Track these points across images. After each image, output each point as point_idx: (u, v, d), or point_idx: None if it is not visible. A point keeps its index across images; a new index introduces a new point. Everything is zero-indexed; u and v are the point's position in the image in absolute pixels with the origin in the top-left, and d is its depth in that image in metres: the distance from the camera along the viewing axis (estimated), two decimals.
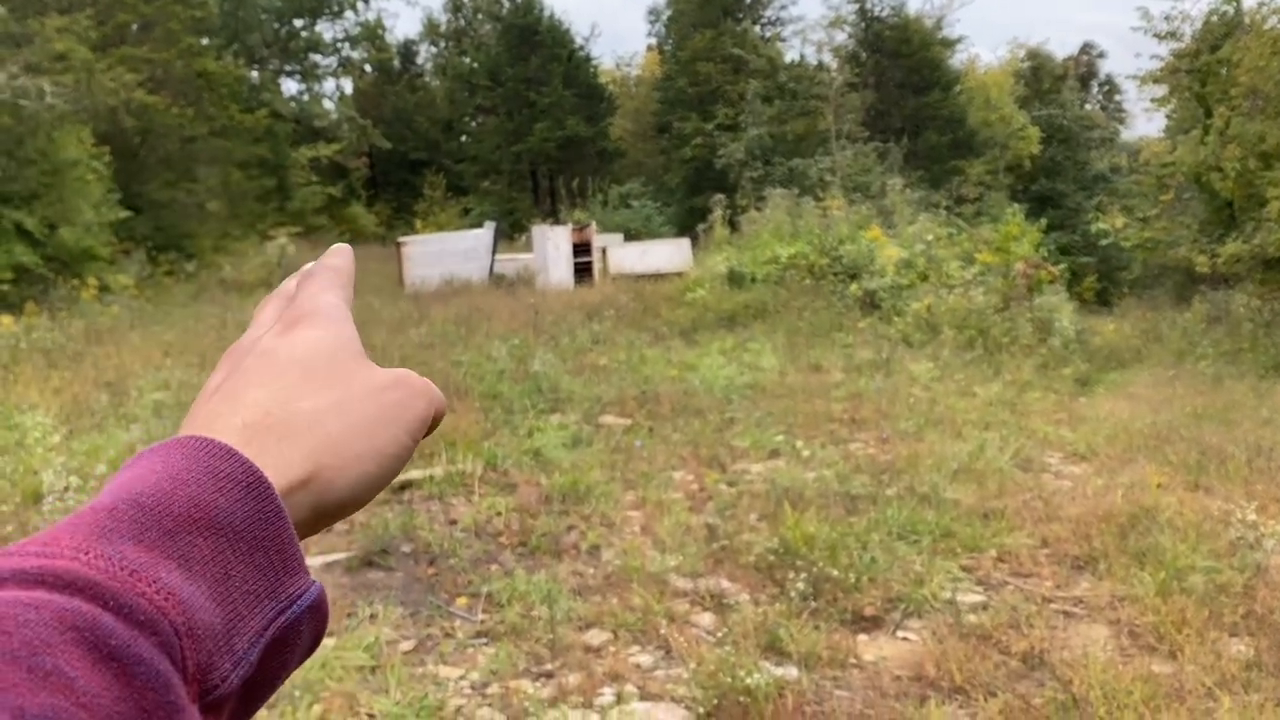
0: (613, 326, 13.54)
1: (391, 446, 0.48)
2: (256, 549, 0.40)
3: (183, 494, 0.39)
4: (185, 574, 0.37)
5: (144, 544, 0.37)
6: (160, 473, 0.40)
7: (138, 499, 0.38)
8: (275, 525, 0.40)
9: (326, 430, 0.46)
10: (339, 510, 0.46)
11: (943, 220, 19.37)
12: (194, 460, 0.40)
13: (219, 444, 0.41)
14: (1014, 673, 3.88)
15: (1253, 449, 6.97)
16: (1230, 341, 13.43)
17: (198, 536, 0.38)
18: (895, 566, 4.87)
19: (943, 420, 8.30)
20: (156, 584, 0.36)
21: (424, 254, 20.61)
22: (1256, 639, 4.04)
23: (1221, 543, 5.09)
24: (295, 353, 0.49)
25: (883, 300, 14.69)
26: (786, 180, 29.03)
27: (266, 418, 0.45)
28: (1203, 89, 23.66)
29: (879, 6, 39.61)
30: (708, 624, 4.39)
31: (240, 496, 0.40)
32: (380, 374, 0.50)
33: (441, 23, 47.48)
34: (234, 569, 0.39)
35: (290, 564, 0.41)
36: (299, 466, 0.44)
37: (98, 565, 0.36)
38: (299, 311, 0.52)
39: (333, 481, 0.45)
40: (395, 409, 0.48)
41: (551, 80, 39.95)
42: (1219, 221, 20.65)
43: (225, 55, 29.62)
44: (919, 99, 38.16)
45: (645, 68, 49.26)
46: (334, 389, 0.47)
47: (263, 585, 0.39)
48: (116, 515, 0.38)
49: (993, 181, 36.58)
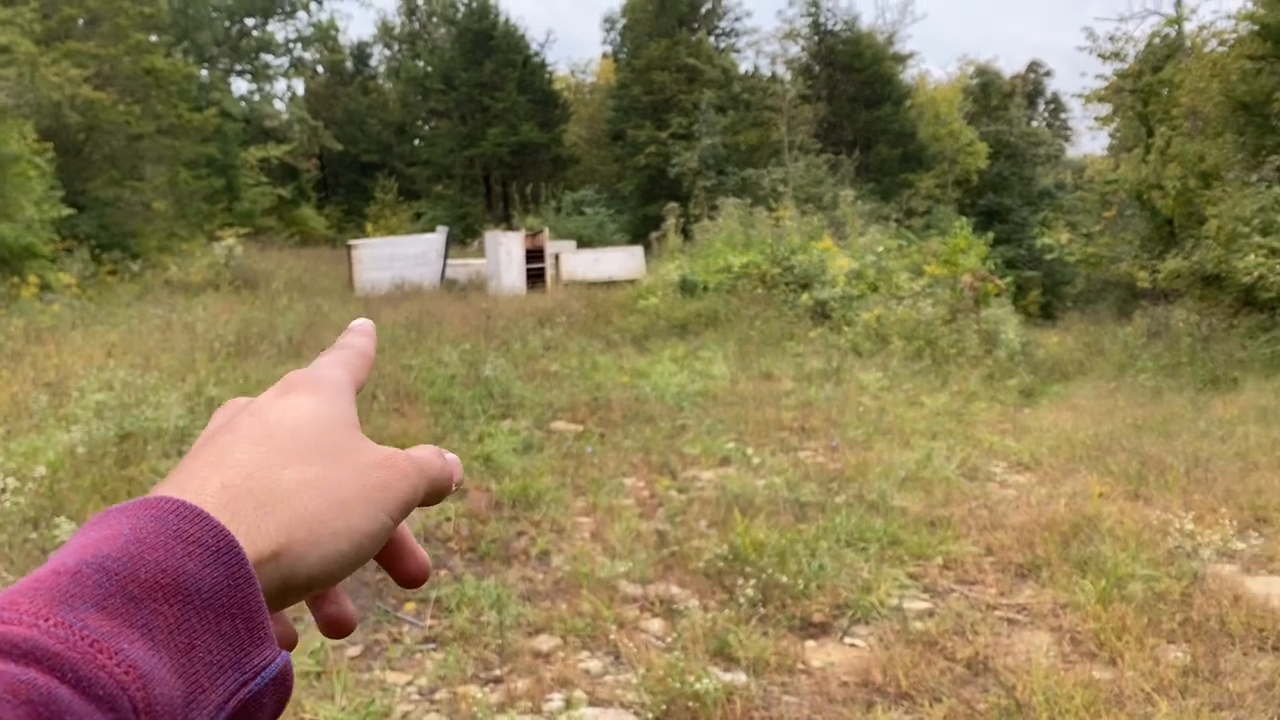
0: (565, 333, 13.52)
1: (369, 525, 0.46)
2: (223, 617, 0.38)
3: (149, 558, 0.38)
4: (148, 644, 0.36)
5: (107, 611, 0.36)
6: (128, 535, 0.38)
7: (103, 563, 0.37)
8: (244, 592, 0.39)
9: (305, 503, 0.44)
10: (308, 585, 0.45)
11: (892, 232, 19.63)
12: (163, 523, 0.39)
13: (190, 506, 0.40)
14: (959, 679, 3.93)
15: (1190, 460, 7.13)
16: (1170, 355, 13.73)
17: (163, 604, 0.37)
18: (843, 573, 4.91)
19: (891, 429, 8.40)
20: (117, 656, 0.34)
21: (375, 257, 20.44)
22: (1193, 645, 4.13)
23: (1160, 551, 5.20)
24: (286, 418, 0.48)
25: (833, 310, 14.83)
26: (739, 190, 29.25)
27: (247, 481, 0.44)
28: (1145, 109, 24.25)
29: (832, 21, 40.09)
30: (657, 630, 4.39)
31: (209, 561, 0.39)
32: (369, 452, 0.48)
33: (395, 25, 47.17)
34: (199, 638, 0.38)
35: (256, 633, 0.39)
36: (272, 537, 0.43)
37: (57, 634, 0.34)
38: (300, 378, 0.51)
39: (304, 556, 0.44)
40: (378, 490, 0.47)
41: (506, 85, 39.86)
42: (1160, 238, 21.15)
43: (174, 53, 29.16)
44: (870, 112, 38.65)
45: (600, 75, 49.33)
46: (319, 462, 0.46)
47: (227, 655, 0.38)
48: (80, 579, 0.36)
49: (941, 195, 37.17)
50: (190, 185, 25.72)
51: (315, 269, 22.65)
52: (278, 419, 0.48)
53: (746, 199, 23.10)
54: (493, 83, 40.06)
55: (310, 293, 17.29)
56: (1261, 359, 12.66)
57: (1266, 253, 14.03)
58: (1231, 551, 5.32)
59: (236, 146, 31.69)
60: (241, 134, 32.93)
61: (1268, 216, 14.50)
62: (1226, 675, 3.85)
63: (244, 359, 9.84)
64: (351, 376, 0.54)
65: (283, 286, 16.81)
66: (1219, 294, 15.78)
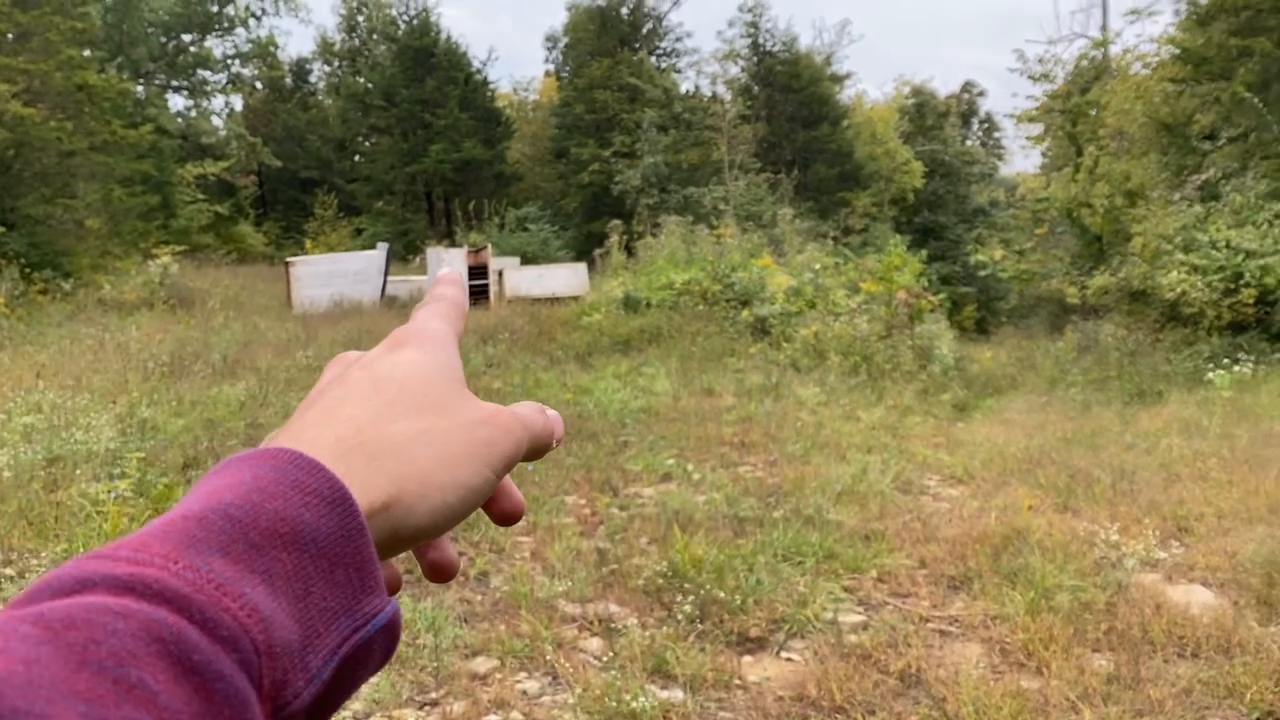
0: (507, 350, 13.49)
1: (474, 480, 0.48)
2: (337, 565, 0.40)
3: (269, 507, 0.39)
4: (268, 589, 0.38)
5: (230, 557, 0.38)
6: (249, 484, 0.40)
7: (226, 509, 0.39)
8: (357, 543, 0.41)
9: (414, 456, 0.46)
10: (416, 536, 0.46)
11: (830, 250, 19.92)
12: (282, 473, 0.41)
13: (307, 458, 0.42)
14: (892, 691, 3.99)
15: (1117, 472, 7.32)
16: (1098, 369, 14.07)
17: (281, 551, 0.39)
18: (780, 588, 4.97)
19: (828, 444, 8.51)
20: (241, 599, 0.36)
21: (313, 274, 20.21)
22: (1117, 654, 4.24)
23: (1087, 562, 5.33)
24: (395, 373, 0.50)
25: (773, 326, 15.00)
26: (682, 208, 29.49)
27: (358, 435, 0.46)
28: (1074, 129, 24.92)
29: (771, 42, 40.64)
30: (595, 649, 4.41)
31: (325, 512, 0.40)
32: (474, 407, 0.50)
33: (335, 42, 46.81)
34: (314, 585, 0.39)
35: (368, 582, 0.41)
36: (383, 489, 0.44)
37: (186, 576, 0.36)
38: (406, 333, 0.53)
39: (414, 508, 0.45)
40: (483, 445, 0.49)
41: (448, 102, 39.74)
42: (1089, 255, 21.69)
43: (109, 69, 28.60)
44: (809, 132, 39.22)
45: (543, 93, 49.43)
46: (427, 415, 0.48)
47: (340, 602, 0.40)
48: (206, 525, 0.38)
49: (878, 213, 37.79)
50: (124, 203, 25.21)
51: (253, 287, 22.32)
52: (387, 373, 0.50)
53: (688, 217, 23.31)
54: (434, 100, 39.92)
55: (247, 311, 17.04)
56: (1185, 373, 13.03)
57: (1188, 269, 14.47)
58: (1154, 561, 5.47)
59: (173, 163, 31.17)
60: (178, 150, 32.41)
61: (1189, 234, 14.97)
62: (1148, 682, 3.96)
63: (178, 379, 9.67)
64: (452, 327, 0.56)
65: (219, 305, 16.56)
66: (1145, 309, 16.23)
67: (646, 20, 43.84)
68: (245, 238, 36.14)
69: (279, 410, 8.42)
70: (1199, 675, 4.00)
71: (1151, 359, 13.95)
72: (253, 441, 7.53)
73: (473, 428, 0.49)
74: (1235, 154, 16.65)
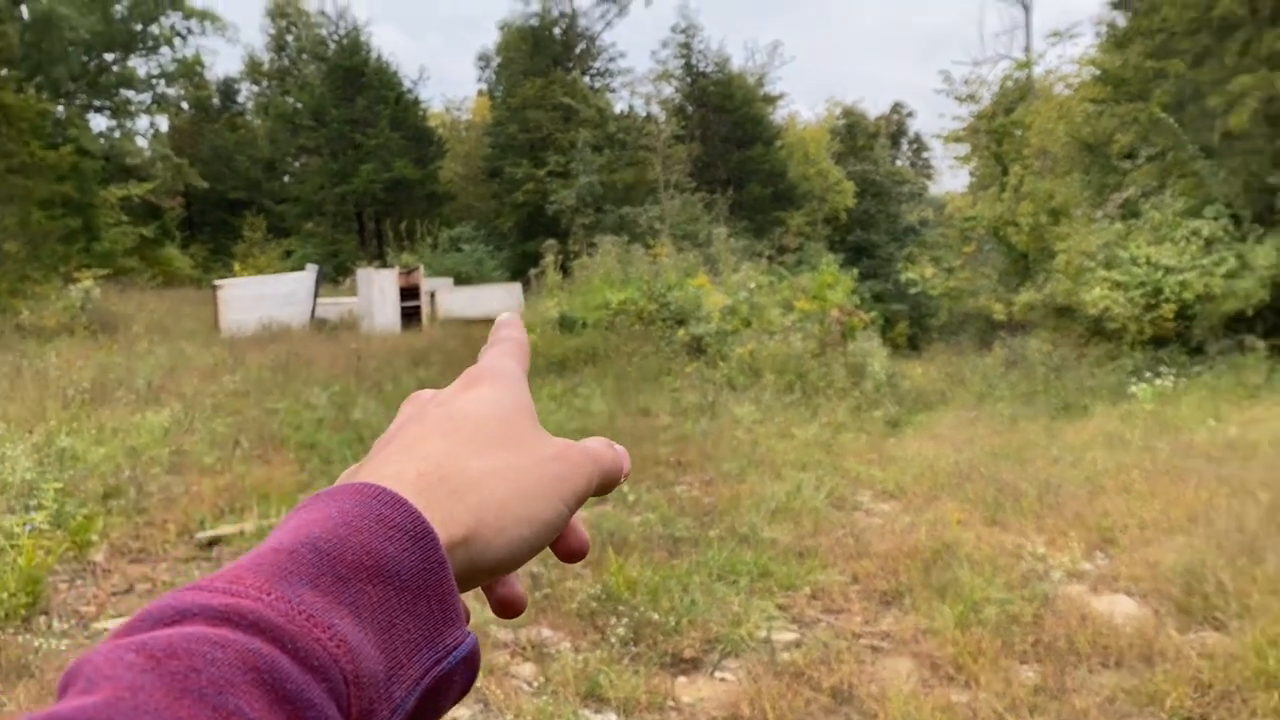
0: (440, 372, 13.36)
1: (548, 514, 0.49)
2: (419, 598, 0.41)
3: (355, 541, 0.41)
4: (355, 620, 0.39)
5: (320, 589, 0.39)
6: (335, 518, 0.42)
7: (315, 543, 0.40)
8: (438, 576, 0.42)
9: (492, 491, 0.47)
10: (493, 569, 0.48)
11: (765, 269, 20.12)
12: (366, 507, 0.42)
13: (390, 493, 0.43)
14: (824, 708, 4.01)
15: (1043, 485, 7.46)
16: (1025, 384, 14.36)
17: (367, 584, 0.40)
18: (714, 608, 4.96)
19: (764, 461, 8.56)
20: (330, 630, 0.38)
21: (241, 297, 19.85)
22: (1044, 665, 4.31)
23: (1014, 575, 5.41)
24: (472, 410, 0.51)
25: (708, 345, 15.08)
26: (617, 227, 29.58)
27: (438, 470, 0.47)
28: (1000, 148, 25.51)
29: (704, 63, 41.05)
30: (528, 674, 4.36)
31: (408, 546, 0.42)
32: (547, 443, 0.52)
33: (264, 61, 46.22)
34: (398, 617, 0.40)
35: (450, 615, 0.42)
36: (462, 523, 0.46)
37: (278, 608, 0.37)
38: (479, 372, 0.55)
39: (491, 542, 0.47)
40: (557, 481, 0.50)
41: (379, 122, 39.44)
42: (1015, 272, 22.18)
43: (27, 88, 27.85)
44: (742, 152, 39.64)
45: (476, 112, 49.27)
46: (504, 451, 0.49)
47: (423, 634, 0.41)
48: (297, 558, 0.40)
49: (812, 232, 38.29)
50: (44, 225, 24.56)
51: (179, 311, 21.85)
52: (464, 411, 0.51)
53: (624, 236, 23.39)
54: (365, 119, 39.59)
55: (173, 335, 16.67)
56: (1108, 386, 13.36)
57: (1110, 285, 14.87)
58: (1080, 572, 5.59)
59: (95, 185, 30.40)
60: (101, 172, 31.62)
61: (1111, 252, 15.39)
62: (1073, 692, 4.03)
63: (100, 406, 9.41)
64: (521, 366, 0.58)
65: (143, 330, 16.16)
66: (1070, 325, 16.62)
67: (579, 40, 44.01)
68: (171, 261, 35.37)
69: (204, 437, 8.23)
70: (1122, 684, 4.08)
71: (1076, 373, 14.28)
72: (177, 469, 7.35)
73: (546, 463, 0.51)
74: (1153, 172, 17.18)
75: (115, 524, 6.05)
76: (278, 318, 19.16)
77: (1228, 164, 15.26)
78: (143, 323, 17.16)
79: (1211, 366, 13.39)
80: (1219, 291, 13.82)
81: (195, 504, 6.51)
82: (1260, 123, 14.51)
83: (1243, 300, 13.56)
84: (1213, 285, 13.89)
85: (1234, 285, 13.76)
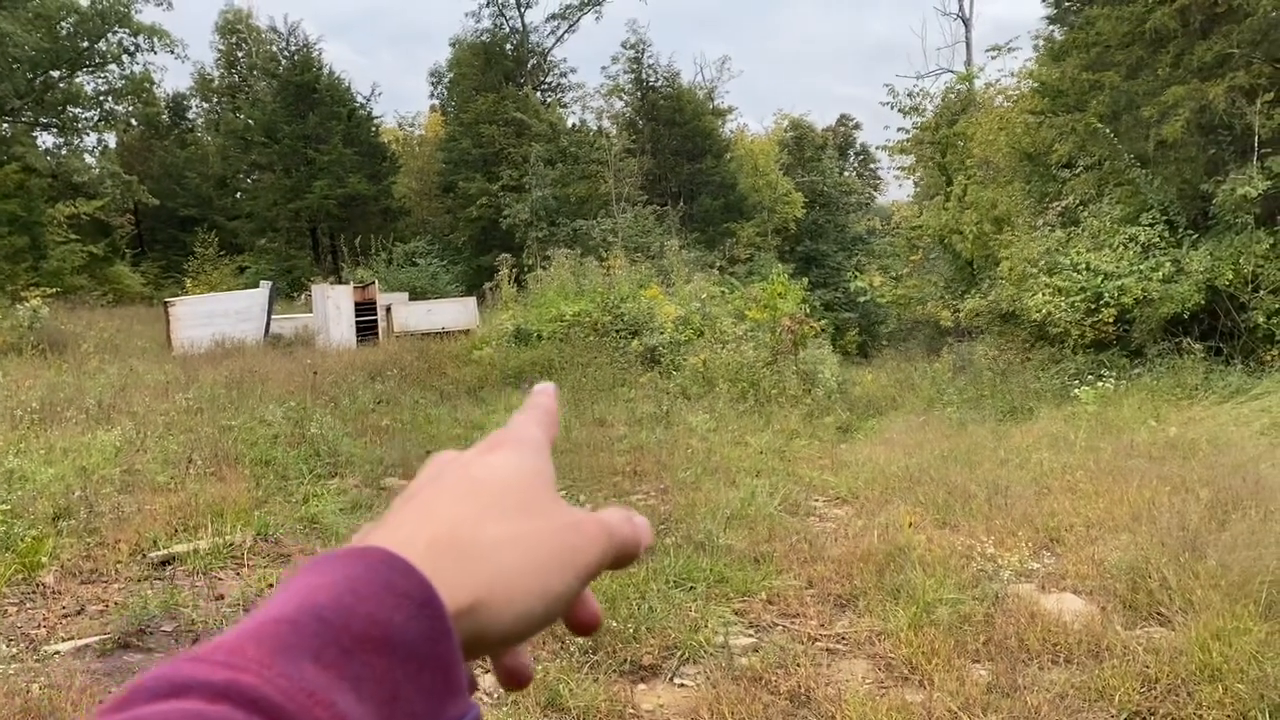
0: (396, 386, 13.31)
1: (559, 587, 0.48)
2: (424, 669, 0.41)
3: (362, 610, 0.40)
4: (357, 695, 0.38)
5: (322, 663, 0.38)
6: (341, 585, 0.41)
7: (319, 612, 0.40)
8: (443, 646, 0.41)
9: (505, 560, 0.47)
10: (500, 640, 0.47)
11: (716, 279, 20.29)
12: (374, 572, 0.42)
13: (399, 559, 0.43)
14: (782, 711, 4.07)
15: (991, 487, 7.59)
16: (973, 389, 14.57)
17: (372, 654, 0.39)
18: (672, 614, 5.01)
19: (718, 469, 8.63)
20: (332, 710, 0.37)
21: (193, 314, 19.62)
22: (995, 663, 4.39)
23: (965, 575, 5.51)
24: (492, 475, 0.51)
25: (662, 355, 15.17)
26: (571, 240, 29.63)
27: (451, 534, 0.47)
28: (943, 159, 25.93)
29: (654, 77, 41.28)
30: (488, 685, 4.38)
31: (414, 614, 0.41)
32: (564, 512, 0.51)
33: (214, 78, 45.69)
34: (401, 690, 0.40)
35: (452, 686, 0.41)
36: (470, 591, 0.45)
37: (278, 684, 0.37)
38: (504, 436, 0.55)
39: (500, 612, 0.46)
40: (571, 552, 0.49)
41: (331, 138, 39.18)
42: (961, 279, 22.55)
43: None
44: (693, 165, 39.92)
45: (429, 128, 49.15)
46: (520, 519, 0.49)
47: (426, 707, 0.40)
48: (299, 630, 0.39)
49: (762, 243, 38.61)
50: None
51: (130, 329, 21.51)
52: (485, 475, 0.51)
53: (578, 249, 23.44)
54: (318, 135, 39.31)
55: (124, 353, 16.41)
56: (1053, 389, 13.62)
57: (1052, 291, 15.17)
58: (1028, 571, 5.71)
59: (42, 203, 29.89)
60: (48, 190, 31.08)
61: (1052, 258, 15.71)
62: (1025, 689, 4.12)
63: (49, 426, 9.26)
64: (546, 435, 0.57)
65: (93, 348, 15.89)
66: (1015, 330, 16.93)
67: (530, 56, 44.07)
68: (122, 278, 34.82)
69: (157, 455, 8.14)
70: (1072, 680, 4.18)
71: (1022, 377, 14.54)
72: (129, 489, 7.26)
73: (561, 533, 0.50)
74: (1091, 181, 17.57)
75: (66, 545, 5.97)
76: (231, 334, 18.96)
77: (1162, 172, 15.65)
78: (93, 341, 16.88)
79: (1151, 369, 13.70)
80: (1156, 296, 14.15)
81: (148, 523, 6.44)
82: (1193, 131, 14.91)
83: (1179, 304, 13.90)
84: (1150, 290, 14.22)
85: (1170, 289, 14.10)
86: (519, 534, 0.48)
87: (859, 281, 25.60)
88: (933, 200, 24.64)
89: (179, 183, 41.27)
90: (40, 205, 29.41)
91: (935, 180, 26.93)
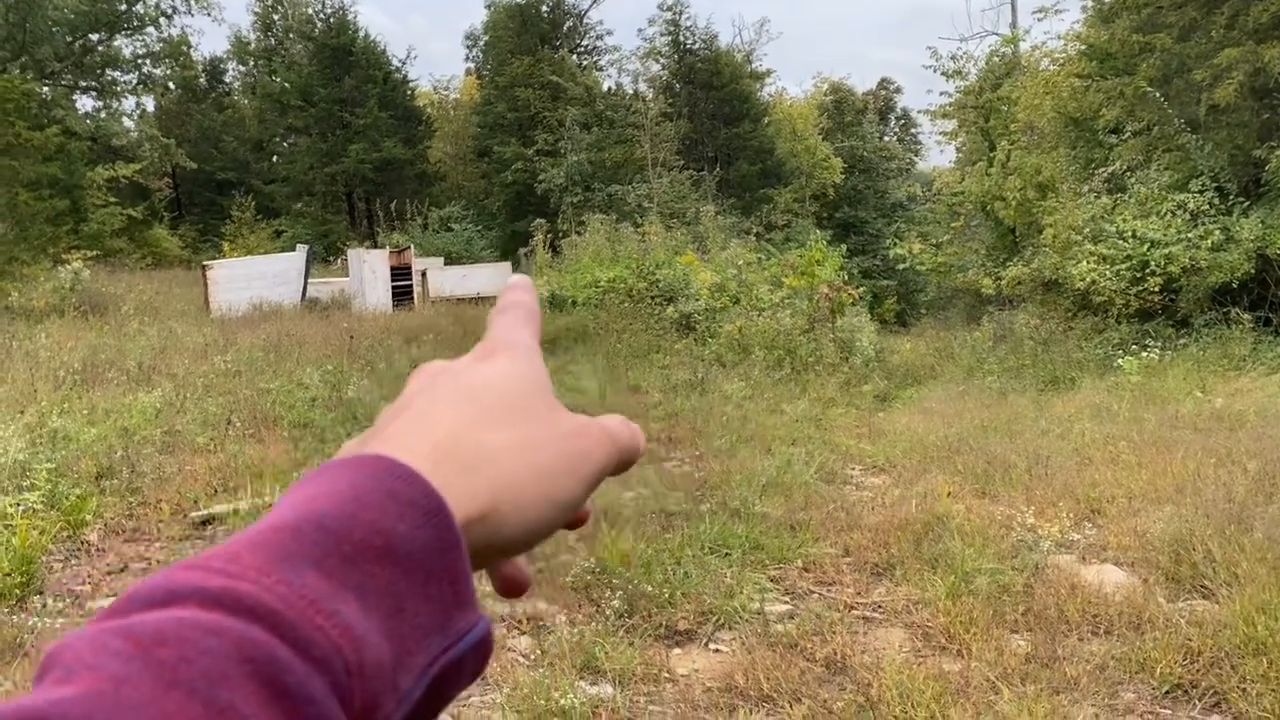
0: (432, 350, 13.35)
1: (565, 495, 0.47)
2: (431, 580, 0.39)
3: (364, 518, 0.38)
4: (361, 605, 0.37)
5: (324, 570, 0.37)
6: (344, 493, 0.39)
7: (321, 520, 0.38)
8: (451, 556, 0.40)
9: (510, 467, 0.45)
10: (506, 549, 0.46)
11: (753, 246, 20.16)
12: (378, 481, 0.40)
13: (404, 466, 0.41)
14: (818, 678, 4.05)
15: (1032, 458, 7.51)
16: (1014, 358, 14.41)
17: (376, 564, 0.38)
18: (708, 580, 5.00)
19: (754, 437, 8.60)
20: (334, 618, 0.35)
21: (231, 278, 19.80)
22: (1034, 634, 4.36)
23: (1005, 546, 5.46)
24: (488, 383, 0.48)
25: (698, 322, 15.12)
26: (606, 206, 29.55)
27: (453, 443, 0.45)
28: (987, 124, 25.52)
29: (691, 40, 40.84)
30: (524, 647, 4.39)
31: (420, 524, 0.39)
32: (566, 419, 0.49)
33: (251, 41, 45.80)
34: (407, 601, 0.38)
35: (462, 597, 0.40)
36: (478, 500, 0.43)
37: (278, 591, 0.35)
38: (496, 343, 0.52)
39: (507, 519, 0.44)
40: (575, 459, 0.48)
41: (367, 101, 39.19)
42: (1003, 247, 22.22)
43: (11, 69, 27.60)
44: (730, 129, 39.53)
45: (464, 92, 49.00)
46: (521, 427, 0.47)
47: (433, 619, 0.39)
48: (300, 537, 0.37)
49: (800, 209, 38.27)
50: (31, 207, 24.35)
51: (168, 291, 21.75)
52: (482, 383, 0.48)
53: (613, 215, 23.38)
54: (353, 99, 39.33)
55: (163, 316, 16.60)
56: (1096, 359, 13.43)
57: (1097, 259, 14.91)
58: (1069, 543, 5.64)
59: (82, 166, 30.17)
60: (87, 153, 31.37)
61: (1098, 226, 15.43)
62: (1064, 660, 4.08)
63: (91, 387, 9.39)
64: (534, 336, 0.54)
65: (133, 311, 16.09)
66: (1057, 299, 16.67)
67: (566, 18, 43.75)
68: (160, 241, 35.18)
69: (196, 417, 8.23)
70: (1112, 652, 4.13)
71: (1064, 347, 14.35)
72: (169, 449, 7.35)
73: (566, 440, 0.48)
74: (1139, 147, 17.19)
75: (109, 504, 6.06)
76: (268, 298, 19.12)
77: (1213, 137, 15.29)
78: (132, 303, 17.09)
79: (1197, 339, 13.46)
80: (1205, 264, 13.87)
81: (189, 483, 6.52)
82: (1246, 96, 14.53)
83: (1228, 273, 13.62)
84: (1198, 258, 13.94)
85: (1219, 258, 13.81)
86: (523, 441, 0.46)
87: (898, 249, 25.33)
88: (975, 166, 24.24)
89: (216, 146, 41.51)
90: (80, 168, 29.70)
91: (978, 146, 26.52)
